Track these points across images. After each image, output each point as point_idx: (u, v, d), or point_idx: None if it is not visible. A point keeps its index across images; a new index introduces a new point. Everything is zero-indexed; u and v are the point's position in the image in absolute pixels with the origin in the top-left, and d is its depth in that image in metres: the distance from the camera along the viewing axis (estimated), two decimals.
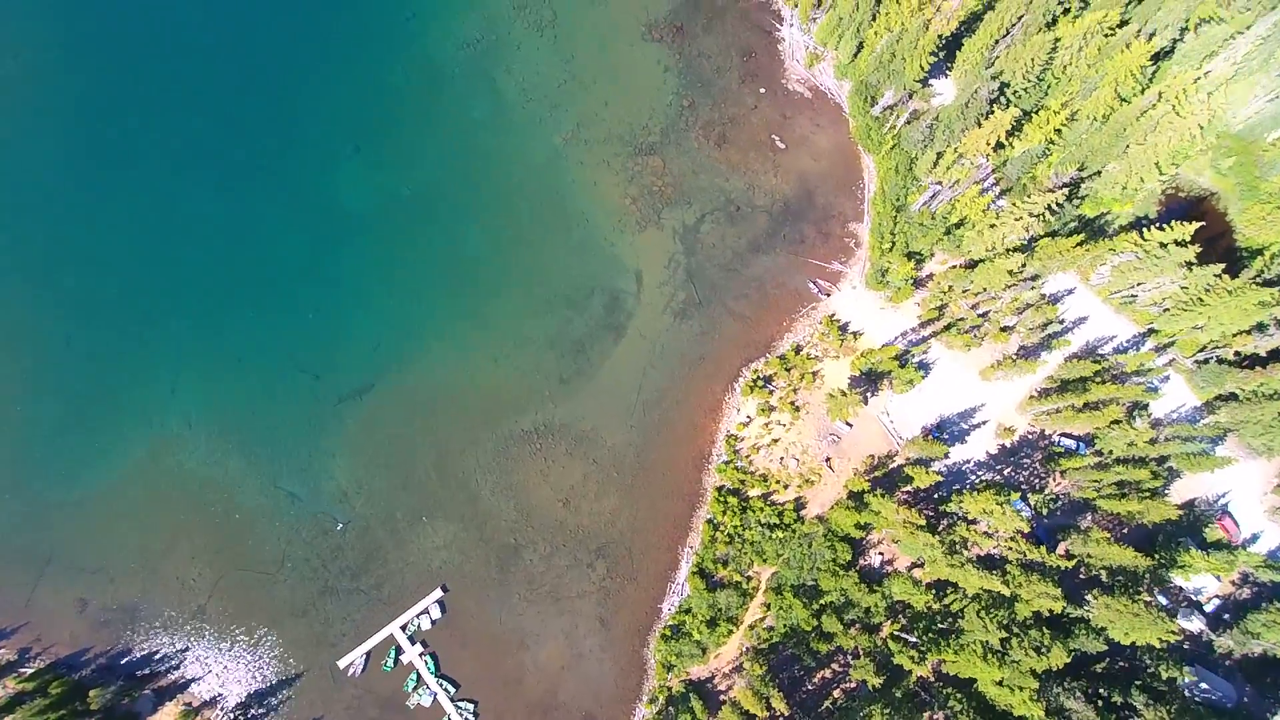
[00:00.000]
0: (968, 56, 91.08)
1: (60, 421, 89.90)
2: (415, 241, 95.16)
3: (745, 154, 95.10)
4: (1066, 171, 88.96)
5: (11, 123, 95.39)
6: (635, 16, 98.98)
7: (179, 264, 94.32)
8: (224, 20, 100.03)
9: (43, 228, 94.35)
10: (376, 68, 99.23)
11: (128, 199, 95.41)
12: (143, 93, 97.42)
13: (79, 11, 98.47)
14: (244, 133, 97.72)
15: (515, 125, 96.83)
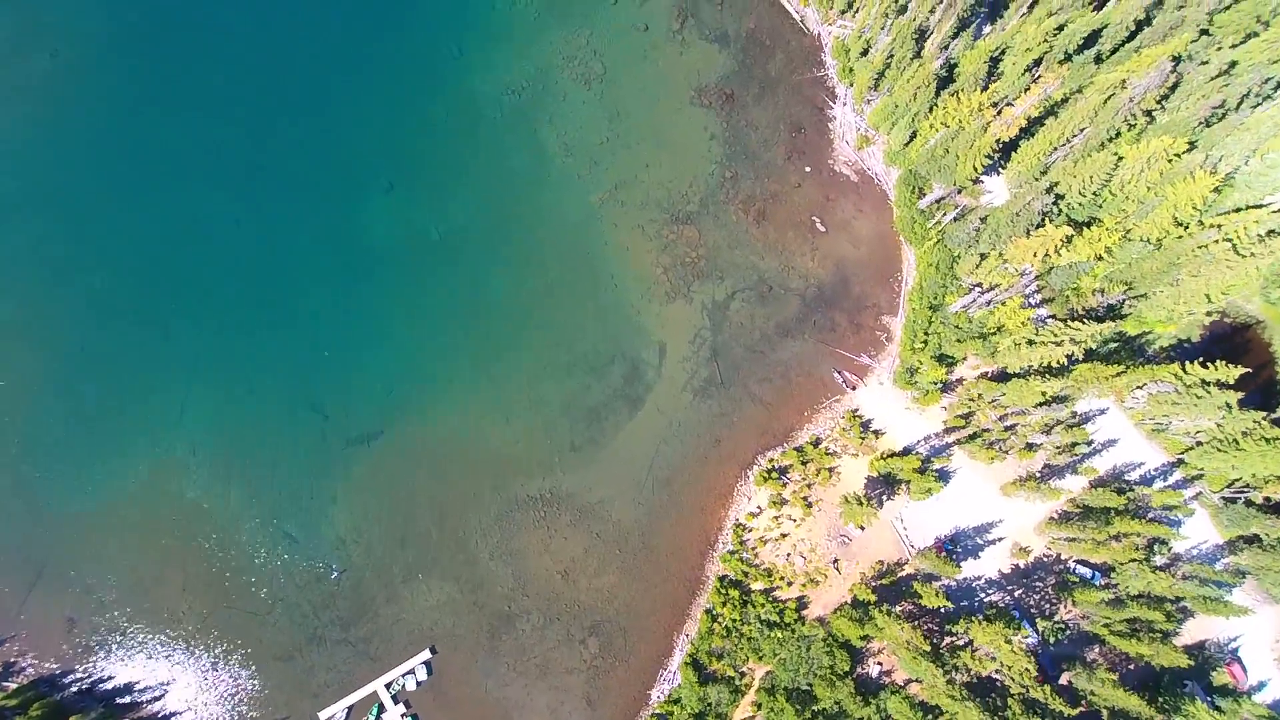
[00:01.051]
0: (1023, 160, 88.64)
1: (67, 430, 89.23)
2: (439, 287, 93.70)
3: (784, 233, 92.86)
4: (1114, 291, 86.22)
5: (46, 125, 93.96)
6: (686, 79, 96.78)
7: (201, 282, 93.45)
8: (269, 40, 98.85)
9: (72, 229, 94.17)
10: (419, 103, 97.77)
11: (157, 209, 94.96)
12: (181, 109, 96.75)
13: (114, 14, 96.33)
14: (280, 156, 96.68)
15: (552, 179, 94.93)
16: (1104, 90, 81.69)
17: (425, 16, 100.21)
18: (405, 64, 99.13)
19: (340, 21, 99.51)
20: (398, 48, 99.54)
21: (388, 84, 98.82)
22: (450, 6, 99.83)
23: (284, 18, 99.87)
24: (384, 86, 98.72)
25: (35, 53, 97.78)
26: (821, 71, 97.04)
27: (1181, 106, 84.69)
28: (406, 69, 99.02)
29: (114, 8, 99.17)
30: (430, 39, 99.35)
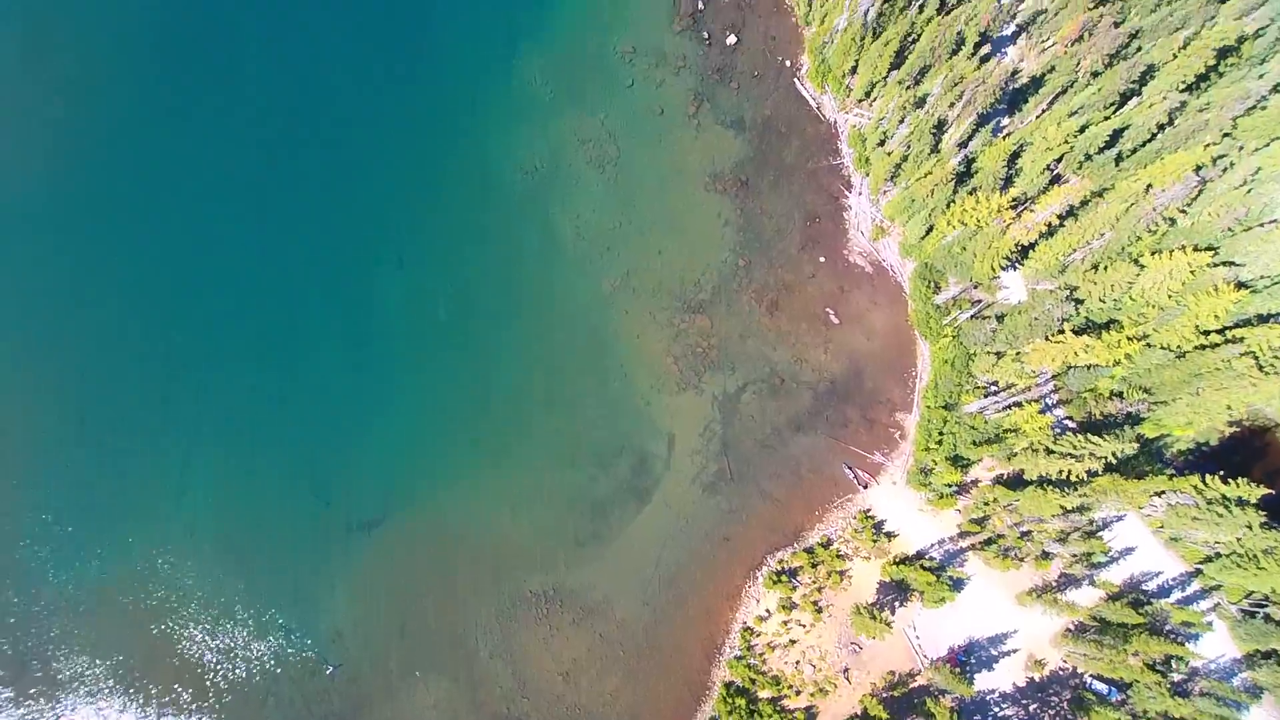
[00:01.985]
0: (1041, 259, 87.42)
1: (60, 508, 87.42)
2: (446, 369, 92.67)
3: (797, 324, 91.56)
4: (1133, 397, 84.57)
5: (53, 181, 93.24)
6: (700, 164, 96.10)
7: (205, 354, 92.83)
8: (286, 109, 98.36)
9: (74, 297, 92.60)
10: (434, 180, 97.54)
11: (163, 278, 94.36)
12: (191, 174, 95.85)
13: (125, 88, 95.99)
14: (291, 227, 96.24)
15: (564, 263, 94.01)
16: (1126, 198, 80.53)
17: (443, 94, 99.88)
18: (421, 140, 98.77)
19: (359, 96, 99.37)
20: (415, 124, 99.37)
21: (403, 159, 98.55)
22: (468, 86, 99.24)
23: (303, 87, 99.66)
24: (399, 162, 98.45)
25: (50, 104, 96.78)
26: (837, 160, 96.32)
27: (1204, 213, 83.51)
28: (423, 145, 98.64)
29: (128, 79, 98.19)
30: (448, 117, 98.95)
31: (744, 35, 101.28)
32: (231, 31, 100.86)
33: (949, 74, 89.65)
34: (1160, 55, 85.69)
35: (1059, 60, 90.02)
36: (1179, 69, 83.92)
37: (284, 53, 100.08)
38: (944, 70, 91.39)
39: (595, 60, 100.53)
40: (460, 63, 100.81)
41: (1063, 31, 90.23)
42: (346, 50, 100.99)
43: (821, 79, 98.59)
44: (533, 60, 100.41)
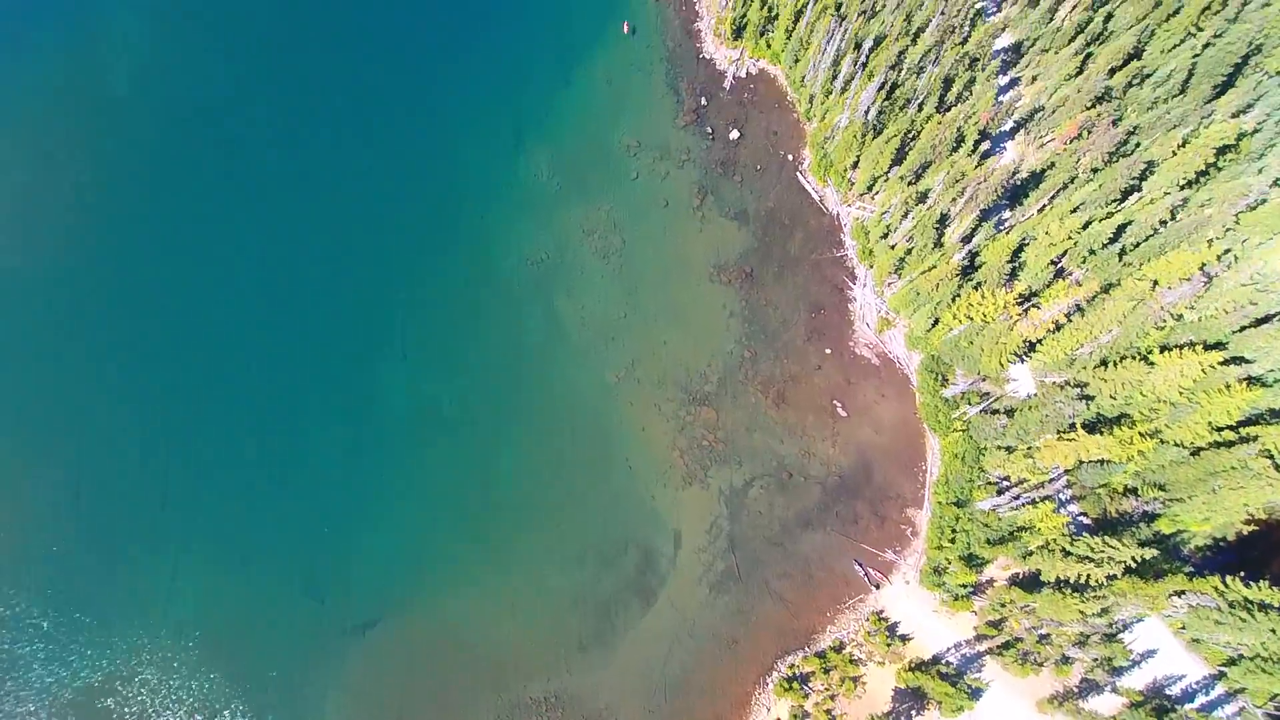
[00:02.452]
0: (1049, 353, 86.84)
1: (47, 597, 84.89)
2: (448, 463, 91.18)
3: (804, 417, 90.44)
4: (1148, 495, 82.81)
5: (54, 264, 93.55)
6: (705, 255, 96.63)
7: (201, 444, 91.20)
8: (291, 195, 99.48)
9: (71, 380, 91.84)
10: (439, 270, 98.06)
11: (162, 364, 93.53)
12: (193, 257, 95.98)
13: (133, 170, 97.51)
14: (293, 316, 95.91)
15: (568, 354, 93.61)
16: (1133, 295, 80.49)
17: (449, 185, 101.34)
18: (427, 231, 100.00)
19: (365, 185, 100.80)
20: (421, 215, 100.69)
21: (407, 249, 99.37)
22: (474, 178, 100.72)
23: (310, 174, 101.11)
24: (403, 251, 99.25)
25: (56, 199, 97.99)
26: (841, 252, 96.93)
27: (1212, 308, 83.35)
28: (428, 236, 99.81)
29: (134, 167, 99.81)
30: (454, 208, 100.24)
31: (746, 130, 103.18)
32: (239, 120, 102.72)
33: (950, 170, 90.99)
34: (1159, 152, 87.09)
35: (1059, 157, 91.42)
36: (1178, 166, 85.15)
37: (291, 141, 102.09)
38: (945, 166, 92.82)
39: (601, 154, 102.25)
40: (467, 155, 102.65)
41: (1061, 129, 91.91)
42: (354, 140, 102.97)
43: (824, 173, 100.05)
44: (539, 153, 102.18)
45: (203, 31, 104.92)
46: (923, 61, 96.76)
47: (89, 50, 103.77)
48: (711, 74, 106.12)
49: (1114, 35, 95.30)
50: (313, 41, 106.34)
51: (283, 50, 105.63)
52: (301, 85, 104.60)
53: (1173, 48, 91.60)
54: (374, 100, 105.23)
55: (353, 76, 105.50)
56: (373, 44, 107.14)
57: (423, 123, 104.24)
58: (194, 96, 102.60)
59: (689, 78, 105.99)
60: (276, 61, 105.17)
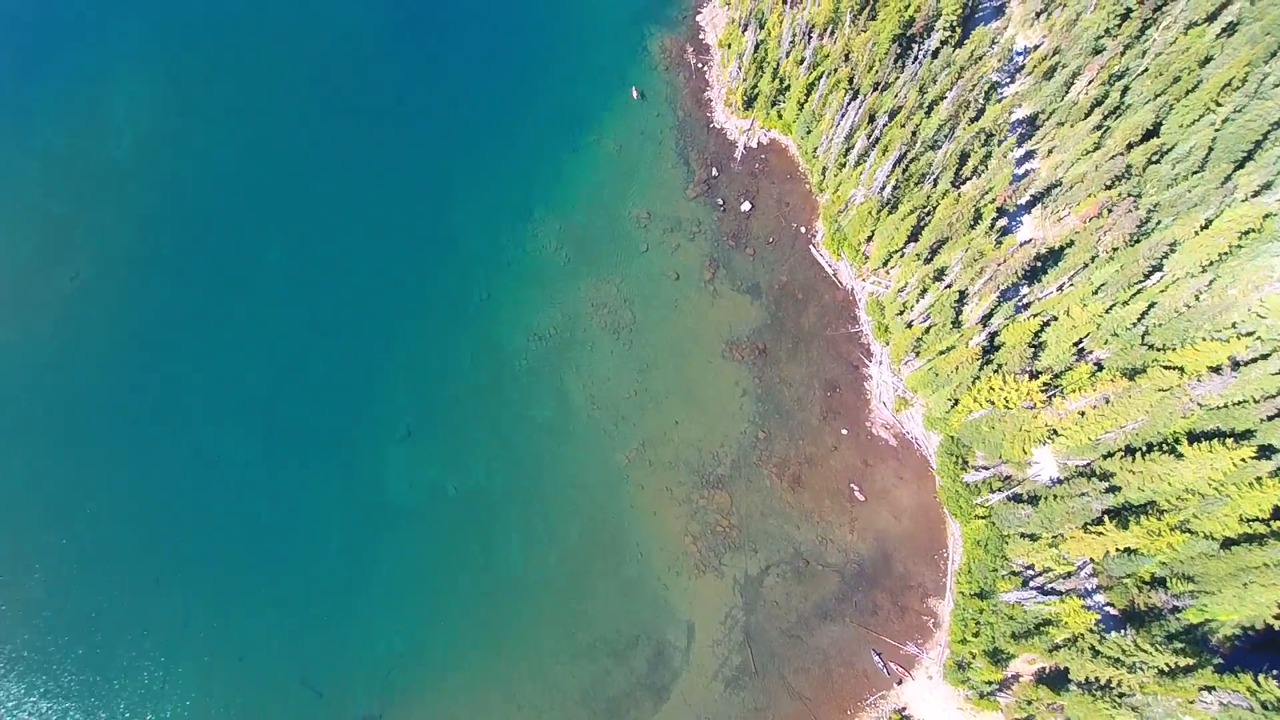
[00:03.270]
0: (1073, 438, 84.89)
1: (37, 691, 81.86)
2: (452, 549, 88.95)
3: (820, 501, 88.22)
4: (1177, 588, 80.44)
5: (56, 356, 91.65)
6: (717, 330, 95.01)
7: (199, 530, 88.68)
8: (293, 275, 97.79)
9: (71, 465, 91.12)
10: (443, 346, 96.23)
11: (160, 448, 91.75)
12: (197, 346, 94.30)
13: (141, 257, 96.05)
14: (294, 395, 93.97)
15: (577, 434, 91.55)
16: (1160, 385, 78.83)
17: (456, 259, 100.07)
18: (433, 306, 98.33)
19: (366, 256, 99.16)
20: (425, 286, 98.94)
21: (411, 323, 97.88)
22: (481, 248, 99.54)
23: (309, 254, 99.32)
24: (407, 326, 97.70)
25: (59, 275, 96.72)
26: (856, 327, 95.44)
27: (1240, 395, 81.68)
28: (431, 309, 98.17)
29: (137, 240, 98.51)
30: (461, 282, 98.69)
31: (758, 201, 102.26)
32: (243, 191, 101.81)
33: (968, 249, 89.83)
34: (1181, 233, 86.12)
35: (1078, 235, 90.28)
36: (1201, 248, 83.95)
37: (294, 210, 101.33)
38: (962, 244, 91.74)
39: (610, 225, 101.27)
40: (473, 225, 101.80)
41: (1081, 208, 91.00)
42: (357, 209, 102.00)
43: (837, 246, 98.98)
44: (548, 224, 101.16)
45: (210, 97, 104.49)
46: (937, 136, 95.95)
47: (93, 114, 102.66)
48: (722, 144, 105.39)
49: (1131, 109, 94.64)
50: (317, 108, 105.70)
51: (287, 117, 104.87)
52: (305, 154, 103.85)
53: (1191, 123, 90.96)
54: (378, 168, 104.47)
55: (357, 145, 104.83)
56: (378, 111, 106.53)
57: (427, 192, 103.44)
58: (199, 165, 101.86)
59: (699, 147, 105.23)
60: (281, 129, 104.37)
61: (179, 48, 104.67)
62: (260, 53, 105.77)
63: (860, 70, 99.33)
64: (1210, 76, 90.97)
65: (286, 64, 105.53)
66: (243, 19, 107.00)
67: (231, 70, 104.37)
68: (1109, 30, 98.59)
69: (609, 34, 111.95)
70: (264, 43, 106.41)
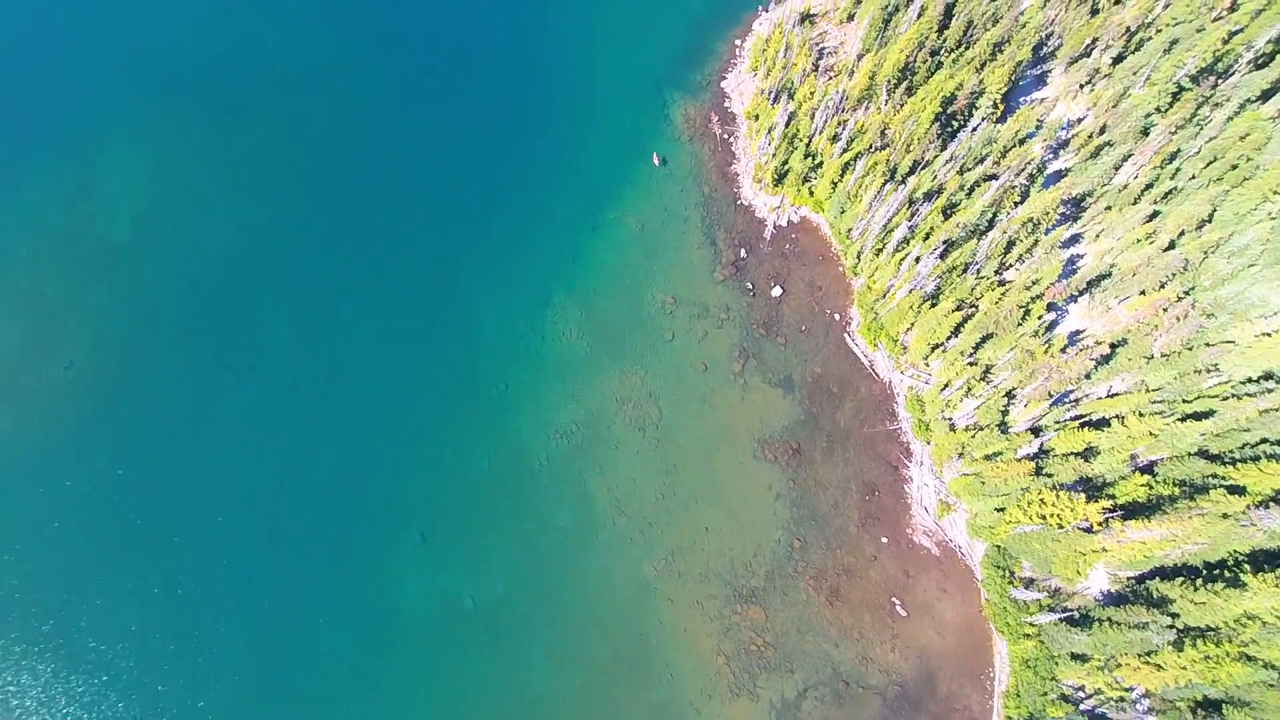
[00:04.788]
0: (1129, 556, 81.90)
1: None
2: (468, 667, 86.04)
3: (859, 616, 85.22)
4: (1234, 716, 77.79)
5: (53, 447, 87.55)
6: (748, 427, 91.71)
7: (206, 641, 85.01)
8: (301, 366, 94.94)
9: (64, 573, 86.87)
10: (459, 444, 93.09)
11: (161, 556, 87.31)
12: (196, 437, 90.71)
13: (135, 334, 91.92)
14: (303, 497, 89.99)
15: (602, 542, 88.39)
16: (1223, 508, 75.98)
17: (468, 343, 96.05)
18: (443, 396, 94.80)
19: (373, 346, 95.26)
20: (435, 377, 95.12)
21: (422, 417, 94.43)
22: (496, 336, 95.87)
23: (314, 341, 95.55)
24: (418, 420, 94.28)
25: (51, 363, 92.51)
26: (895, 424, 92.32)
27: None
28: (444, 402, 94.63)
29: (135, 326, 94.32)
30: (473, 370, 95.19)
31: (789, 285, 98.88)
32: (245, 271, 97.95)
33: (1015, 347, 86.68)
34: (1240, 335, 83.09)
35: (1131, 335, 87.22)
36: (1261, 355, 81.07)
37: (297, 296, 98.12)
38: (1009, 341, 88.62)
39: (634, 312, 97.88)
40: (488, 312, 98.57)
41: (1133, 306, 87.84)
42: (364, 296, 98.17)
43: (874, 336, 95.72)
44: (568, 311, 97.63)
45: (210, 173, 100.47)
46: (980, 221, 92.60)
47: (87, 189, 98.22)
48: (750, 222, 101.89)
49: (1183, 194, 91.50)
50: (321, 184, 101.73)
51: (291, 194, 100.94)
52: (309, 232, 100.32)
53: (1248, 213, 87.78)
54: (386, 247, 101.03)
55: (364, 222, 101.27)
56: (386, 185, 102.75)
57: (438, 273, 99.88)
58: (199, 245, 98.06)
59: (726, 226, 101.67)
60: (284, 206, 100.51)
61: (179, 121, 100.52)
62: (263, 124, 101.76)
63: (898, 150, 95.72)
64: (1268, 163, 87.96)
65: (291, 136, 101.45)
66: (243, 89, 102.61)
67: (232, 143, 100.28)
68: (1159, 108, 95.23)
69: (629, 101, 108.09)
70: (266, 114, 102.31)
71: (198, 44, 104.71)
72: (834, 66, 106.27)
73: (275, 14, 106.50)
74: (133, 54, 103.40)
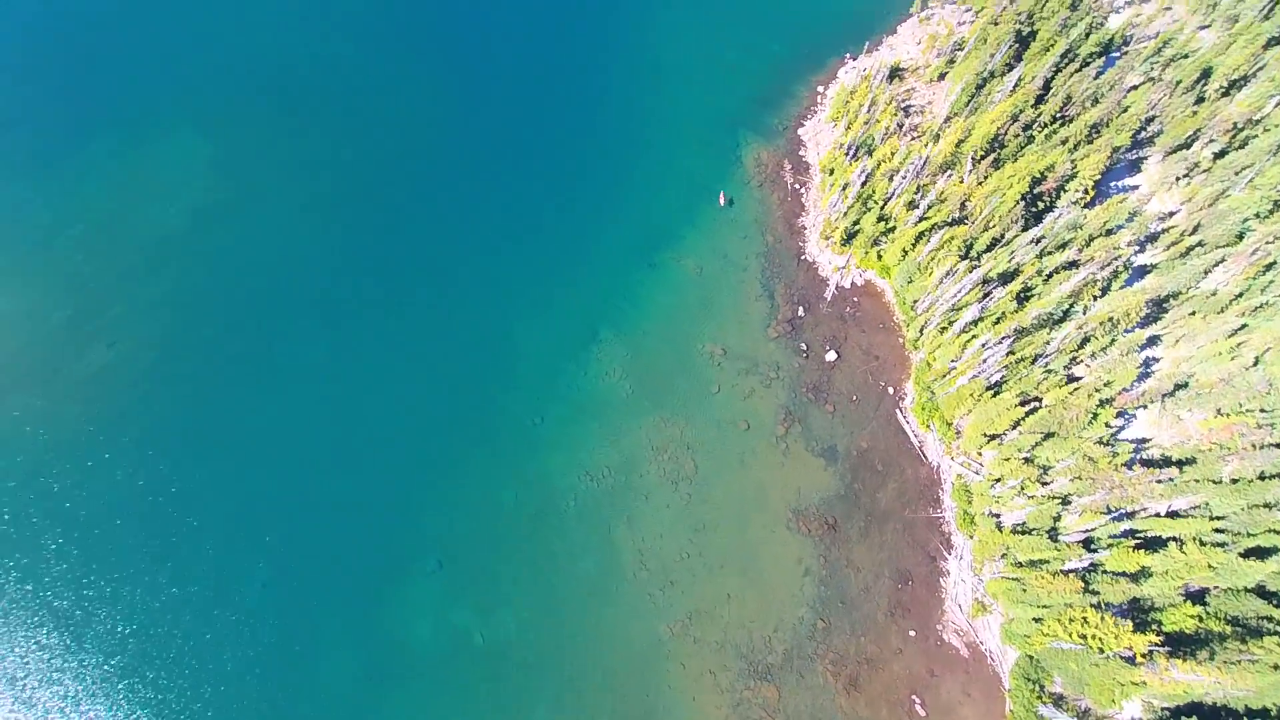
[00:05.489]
0: (1169, 693, 78.27)
1: None
2: (471, 706, 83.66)
3: (877, 710, 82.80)
4: None
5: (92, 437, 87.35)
6: (784, 496, 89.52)
7: (209, 671, 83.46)
8: (330, 388, 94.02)
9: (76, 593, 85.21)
10: (484, 472, 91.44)
11: (168, 576, 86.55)
12: (222, 451, 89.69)
13: None
14: (321, 507, 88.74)
15: (621, 594, 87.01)
16: (1274, 656, 72.19)
17: (508, 371, 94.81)
18: (477, 421, 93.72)
19: (411, 363, 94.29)
20: (471, 401, 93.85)
21: (453, 441, 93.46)
22: (538, 367, 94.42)
23: (352, 352, 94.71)
24: (449, 444, 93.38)
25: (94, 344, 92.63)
26: (938, 512, 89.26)
27: None
28: (477, 428, 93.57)
29: (178, 317, 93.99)
30: (510, 399, 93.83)
31: (844, 351, 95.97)
32: (292, 278, 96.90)
33: (1077, 452, 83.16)
34: None
35: (1200, 455, 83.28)
36: None
37: (345, 313, 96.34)
38: (1071, 443, 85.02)
39: (681, 359, 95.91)
40: (531, 340, 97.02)
41: (1209, 425, 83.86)
42: (410, 312, 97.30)
43: (927, 416, 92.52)
44: (613, 350, 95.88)
45: (269, 174, 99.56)
46: (1055, 312, 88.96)
47: (149, 178, 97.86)
48: (812, 279, 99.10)
49: (1273, 308, 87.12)
50: (379, 195, 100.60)
51: (347, 202, 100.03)
52: (361, 243, 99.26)
53: None
54: (434, 262, 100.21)
55: (416, 234, 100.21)
56: (443, 200, 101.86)
57: (484, 293, 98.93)
58: (249, 244, 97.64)
59: (787, 280, 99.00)
60: (339, 214, 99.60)
61: (244, 120, 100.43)
62: (326, 133, 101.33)
63: (977, 224, 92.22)
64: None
65: (352, 148, 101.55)
66: (312, 98, 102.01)
67: (294, 148, 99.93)
68: (1259, 214, 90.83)
69: (701, 136, 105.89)
70: (331, 124, 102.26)
71: (274, 49, 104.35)
72: (918, 127, 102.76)
73: (352, 31, 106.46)
74: (207, 50, 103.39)
